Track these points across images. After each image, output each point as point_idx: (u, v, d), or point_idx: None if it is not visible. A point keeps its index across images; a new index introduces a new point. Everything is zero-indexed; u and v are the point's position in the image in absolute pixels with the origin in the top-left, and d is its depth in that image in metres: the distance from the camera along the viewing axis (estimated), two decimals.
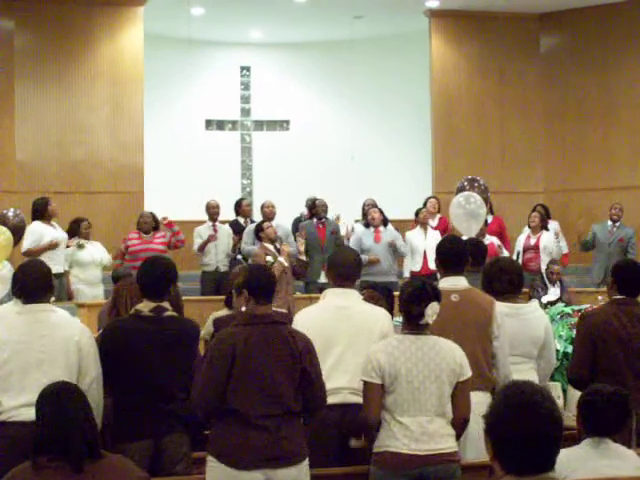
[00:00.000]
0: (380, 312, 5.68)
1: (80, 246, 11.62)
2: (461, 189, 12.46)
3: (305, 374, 4.83)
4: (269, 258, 10.41)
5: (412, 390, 4.84)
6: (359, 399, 5.18)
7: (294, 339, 4.86)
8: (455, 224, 11.91)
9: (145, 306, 5.37)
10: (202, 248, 12.55)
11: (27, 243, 11.44)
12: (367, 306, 5.74)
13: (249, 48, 18.36)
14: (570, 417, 5.97)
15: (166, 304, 5.39)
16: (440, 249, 5.97)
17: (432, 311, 4.90)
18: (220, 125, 18.56)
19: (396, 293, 6.39)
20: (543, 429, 2.77)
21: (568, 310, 8.88)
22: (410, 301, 4.94)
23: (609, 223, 13.39)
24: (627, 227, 13.45)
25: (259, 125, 18.72)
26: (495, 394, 2.91)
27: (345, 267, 5.67)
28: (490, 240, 11.61)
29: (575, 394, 6.12)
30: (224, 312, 6.93)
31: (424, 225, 12.53)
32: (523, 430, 2.75)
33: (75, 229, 11.81)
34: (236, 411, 4.75)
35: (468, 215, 11.64)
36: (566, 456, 4.39)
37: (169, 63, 17.07)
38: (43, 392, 3.99)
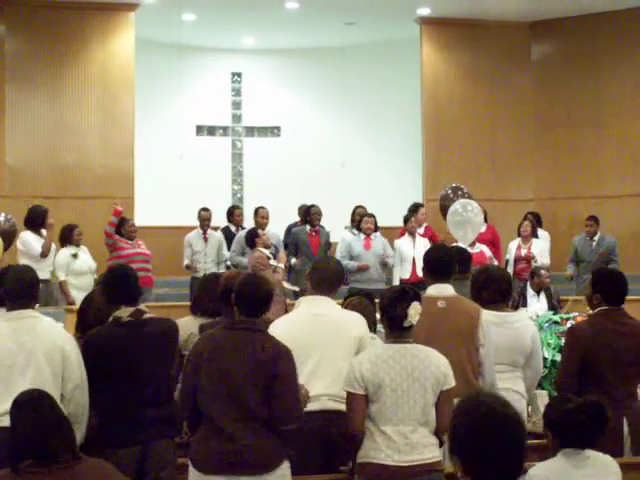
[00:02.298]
0: (354, 317, 5.70)
1: (74, 256, 11.58)
2: (445, 197, 12.45)
3: (277, 381, 4.79)
4: (272, 262, 10.35)
5: (396, 399, 4.83)
6: (338, 405, 5.21)
7: (263, 346, 4.84)
8: (451, 231, 11.90)
9: (124, 312, 5.37)
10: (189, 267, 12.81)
11: (38, 249, 11.39)
12: (341, 312, 5.79)
13: (240, 54, 18.36)
14: None
15: (143, 307, 5.41)
16: (427, 257, 5.99)
17: (415, 311, 4.90)
18: (211, 131, 18.56)
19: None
20: (516, 435, 2.77)
21: (556, 318, 8.90)
22: (392, 303, 4.95)
23: (588, 238, 13.32)
24: (608, 237, 13.36)
25: (250, 131, 18.72)
26: (453, 413, 2.86)
27: (327, 277, 5.72)
28: (480, 248, 11.60)
29: None
30: (188, 319, 6.90)
31: (412, 233, 12.49)
32: (498, 441, 2.73)
33: (67, 236, 11.74)
34: (205, 416, 4.80)
35: (465, 222, 11.64)
36: (543, 471, 4.38)
37: (160, 69, 17.06)
38: (15, 400, 4.04)
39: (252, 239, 10.80)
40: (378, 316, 6.53)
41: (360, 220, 12.38)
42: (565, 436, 4.49)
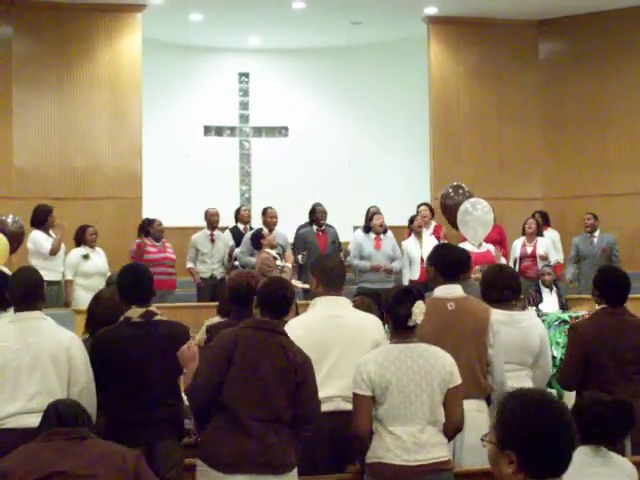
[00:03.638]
0: (371, 320, 5.68)
1: (85, 257, 11.58)
2: (446, 196, 12.39)
3: (301, 388, 4.84)
4: (279, 262, 10.32)
5: (403, 399, 4.82)
6: (352, 407, 5.18)
7: (293, 351, 4.88)
8: (462, 231, 11.86)
9: (134, 312, 5.37)
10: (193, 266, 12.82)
11: (47, 246, 11.39)
12: (359, 314, 5.74)
13: (247, 54, 18.36)
14: None
15: (154, 308, 5.42)
16: (435, 257, 5.96)
17: (419, 310, 4.89)
18: (219, 131, 18.57)
19: None
20: (568, 430, 2.82)
21: (565, 317, 8.89)
22: (396, 303, 4.94)
23: (588, 235, 13.28)
24: (607, 234, 13.35)
25: (258, 131, 18.72)
26: (504, 408, 2.88)
27: (332, 271, 5.71)
28: (487, 248, 11.58)
29: (571, 401, 6.12)
30: (217, 319, 6.90)
31: (418, 233, 12.41)
32: (556, 430, 2.79)
33: (80, 236, 11.75)
34: (228, 410, 4.75)
35: (475, 222, 11.61)
36: None
37: (167, 69, 17.07)
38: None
39: (257, 240, 10.77)
40: None
41: (371, 219, 12.31)
42: (589, 430, 4.49)
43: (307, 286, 11.33)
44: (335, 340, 5.45)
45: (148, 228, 12.08)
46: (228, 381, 4.77)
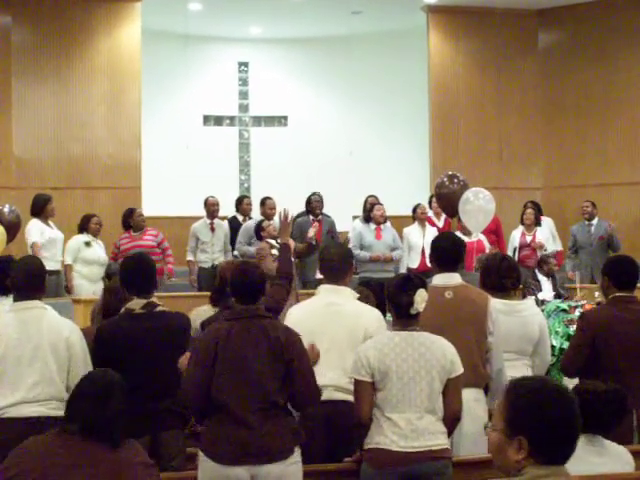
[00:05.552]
0: (369, 311, 5.65)
1: (87, 244, 11.58)
2: (441, 185, 12.37)
3: (291, 367, 4.81)
4: (274, 251, 10.31)
5: (402, 386, 4.82)
6: (344, 396, 5.21)
7: (276, 332, 4.84)
8: (464, 220, 11.85)
9: (136, 304, 5.36)
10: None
11: (35, 237, 11.39)
12: (357, 305, 5.70)
13: (247, 44, 18.33)
14: None
15: (156, 299, 5.41)
16: (434, 245, 5.96)
17: (421, 298, 4.88)
18: (218, 121, 18.55)
19: None
20: (577, 417, 2.86)
21: (564, 306, 8.89)
22: (398, 291, 4.93)
23: (586, 223, 13.27)
24: (606, 222, 13.32)
25: (257, 121, 18.71)
26: (514, 394, 2.89)
27: (330, 261, 5.69)
28: (479, 237, 11.58)
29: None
30: (206, 308, 6.89)
31: (422, 221, 12.44)
32: (565, 421, 2.83)
33: (84, 224, 11.74)
34: (222, 405, 4.75)
35: (477, 211, 11.59)
36: None
37: (167, 59, 17.05)
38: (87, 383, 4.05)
39: (258, 232, 10.80)
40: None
41: (371, 209, 12.29)
42: (586, 423, 4.48)
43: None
44: (329, 329, 5.44)
45: (129, 219, 11.93)
46: (216, 377, 4.75)
